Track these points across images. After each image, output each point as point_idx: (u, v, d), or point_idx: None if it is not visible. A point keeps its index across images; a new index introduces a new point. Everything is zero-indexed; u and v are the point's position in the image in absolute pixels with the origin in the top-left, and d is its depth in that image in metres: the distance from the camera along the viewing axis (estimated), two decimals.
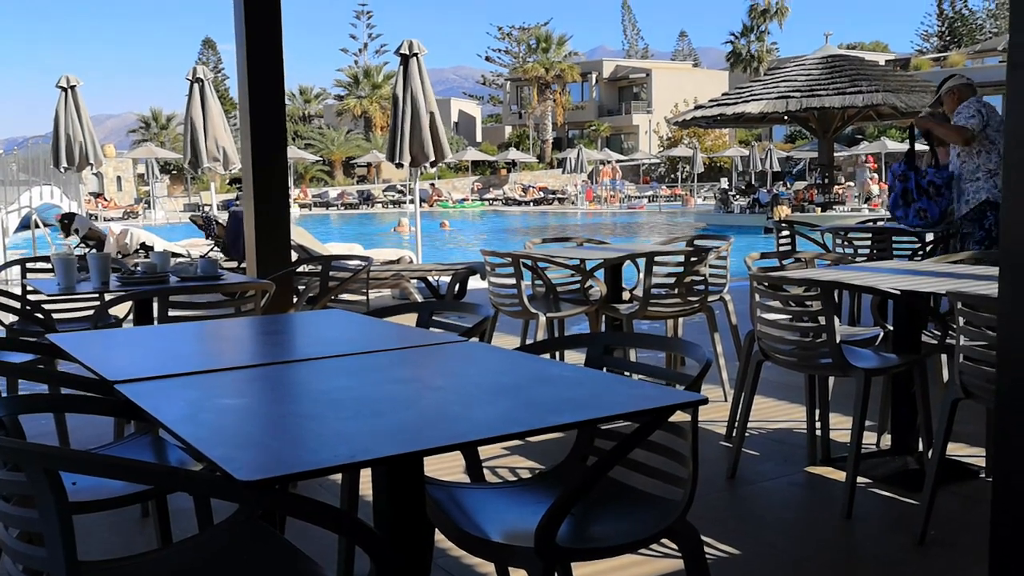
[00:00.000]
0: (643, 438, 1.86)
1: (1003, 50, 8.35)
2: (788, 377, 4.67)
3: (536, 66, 53.42)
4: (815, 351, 3.56)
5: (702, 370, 2.09)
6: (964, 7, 69.38)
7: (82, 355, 2.30)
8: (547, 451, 4.01)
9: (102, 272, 4.24)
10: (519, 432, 1.72)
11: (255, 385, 2.13)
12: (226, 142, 12.97)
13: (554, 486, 2.27)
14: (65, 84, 13.67)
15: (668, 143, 49.36)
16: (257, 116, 5.02)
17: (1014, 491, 2.38)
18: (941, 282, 3.57)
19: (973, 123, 5.57)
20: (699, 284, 5.16)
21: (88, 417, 3.83)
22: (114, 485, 2.20)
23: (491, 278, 5.48)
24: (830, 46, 21.82)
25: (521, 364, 2.25)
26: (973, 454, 3.91)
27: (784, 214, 20.96)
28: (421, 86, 10.79)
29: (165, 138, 53.54)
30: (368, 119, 54.12)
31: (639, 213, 36.31)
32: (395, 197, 42.30)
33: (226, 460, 1.44)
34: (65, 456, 1.67)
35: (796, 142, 43.86)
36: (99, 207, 34.49)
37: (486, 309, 2.97)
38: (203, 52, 70.95)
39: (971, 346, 2.97)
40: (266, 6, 4.96)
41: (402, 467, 1.73)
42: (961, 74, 6.09)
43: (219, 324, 3.36)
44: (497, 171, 49.65)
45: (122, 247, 11.61)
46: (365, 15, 63.81)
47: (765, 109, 19.31)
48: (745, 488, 3.70)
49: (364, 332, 2.81)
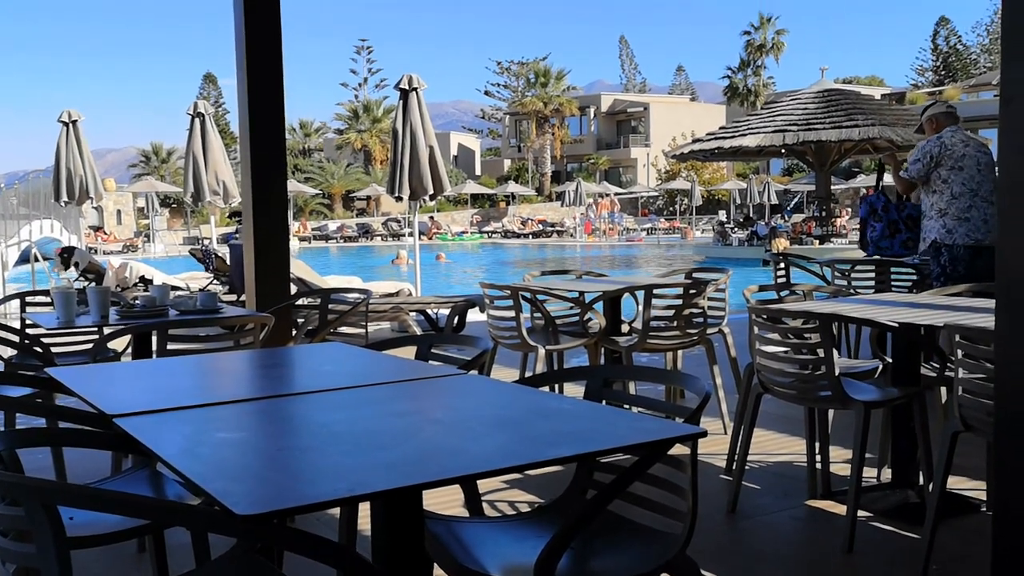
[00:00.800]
0: (642, 471, 1.86)
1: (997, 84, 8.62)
2: (788, 410, 4.66)
3: (535, 100, 53.79)
4: (814, 383, 3.56)
5: (701, 403, 2.09)
6: (958, 42, 70.14)
7: (81, 389, 2.30)
8: (546, 485, 3.99)
9: (101, 306, 4.25)
10: (518, 465, 1.72)
11: (254, 419, 2.13)
12: (226, 175, 13.03)
13: (553, 520, 2.26)
14: (67, 119, 13.75)
15: (666, 176, 49.62)
16: (257, 149, 5.06)
17: (1014, 525, 2.37)
18: (939, 314, 3.58)
19: (913, 171, 5.61)
20: (698, 316, 5.16)
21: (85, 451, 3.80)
22: (111, 519, 2.19)
23: (490, 311, 5.49)
24: (826, 80, 22.02)
25: (520, 397, 2.25)
26: (974, 488, 3.89)
27: (783, 247, 21.01)
28: (420, 120, 10.86)
29: (165, 172, 53.78)
30: (368, 152, 54.41)
31: (638, 246, 36.39)
32: (394, 230, 42.43)
33: (224, 494, 1.44)
34: (63, 490, 1.67)
35: (793, 175, 44.12)
36: (99, 240, 34.57)
37: (485, 342, 2.98)
38: (204, 87, 71.45)
39: (970, 379, 2.97)
40: (267, 41, 5.02)
41: (401, 501, 1.73)
42: (943, 101, 6.11)
43: (218, 358, 3.36)
44: (496, 204, 49.82)
45: (121, 280, 11.62)
46: (365, 50, 64.39)
47: (762, 142, 19.45)
48: (745, 522, 3.68)
49: (363, 365, 2.81)
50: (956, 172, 5.51)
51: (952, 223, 5.50)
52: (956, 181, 5.50)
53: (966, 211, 5.48)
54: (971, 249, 5.46)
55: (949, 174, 5.52)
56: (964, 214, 5.48)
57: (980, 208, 5.48)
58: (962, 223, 5.47)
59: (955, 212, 5.50)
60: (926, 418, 3.65)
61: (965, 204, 5.48)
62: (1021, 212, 2.30)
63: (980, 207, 5.48)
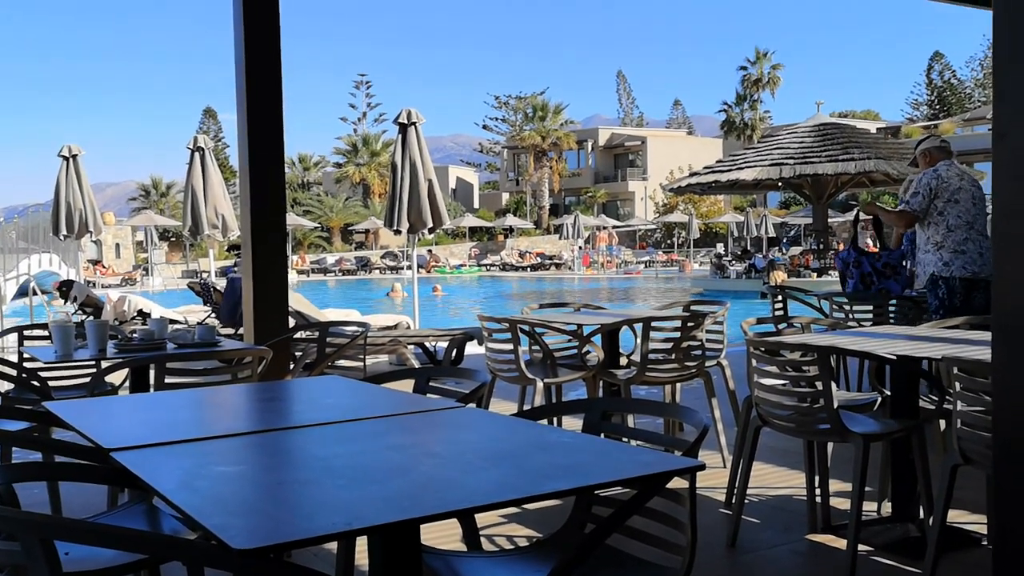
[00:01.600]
0: (640, 505, 1.86)
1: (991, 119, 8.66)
2: (787, 443, 4.65)
3: (533, 134, 54.13)
4: (813, 416, 3.55)
5: (699, 435, 2.09)
6: (952, 77, 70.77)
7: (78, 422, 2.30)
8: (545, 519, 3.97)
9: (99, 339, 4.25)
10: (516, 499, 1.71)
11: (251, 452, 2.13)
12: (225, 209, 13.08)
13: (552, 554, 2.25)
14: (67, 153, 13.82)
15: (664, 209, 49.81)
16: (257, 183, 5.09)
17: (1014, 559, 2.36)
18: (937, 347, 3.58)
19: (915, 203, 5.63)
20: (696, 349, 5.16)
21: (81, 487, 3.79)
22: (107, 554, 2.17)
23: (488, 343, 5.49)
24: (822, 114, 22.21)
25: (518, 430, 2.25)
26: (975, 521, 3.87)
27: (780, 279, 21.05)
28: (419, 153, 10.93)
29: (164, 206, 53.91)
30: (366, 186, 54.64)
31: (636, 278, 36.45)
32: (393, 263, 42.50)
33: (221, 528, 1.44)
34: (60, 525, 1.66)
35: (791, 208, 44.28)
36: (97, 274, 34.58)
37: (483, 375, 2.98)
38: (204, 121, 71.89)
39: (968, 411, 2.96)
40: (267, 75, 5.07)
41: (398, 535, 1.72)
42: (937, 135, 6.19)
43: (216, 391, 3.36)
44: (494, 237, 49.97)
45: (120, 314, 11.61)
46: (364, 84, 64.91)
47: (759, 176, 19.57)
48: (746, 556, 3.66)
49: (361, 398, 2.80)
50: (952, 205, 5.54)
51: (949, 256, 5.52)
52: (952, 214, 5.53)
53: (962, 243, 5.50)
54: (967, 282, 5.48)
55: (945, 206, 5.55)
56: (960, 247, 5.50)
57: (976, 241, 5.51)
58: (958, 256, 5.49)
59: (951, 245, 5.52)
60: (925, 451, 3.65)
61: (961, 237, 5.51)
62: (1015, 245, 2.32)
63: (976, 240, 5.51)
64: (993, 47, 2.34)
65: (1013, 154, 2.31)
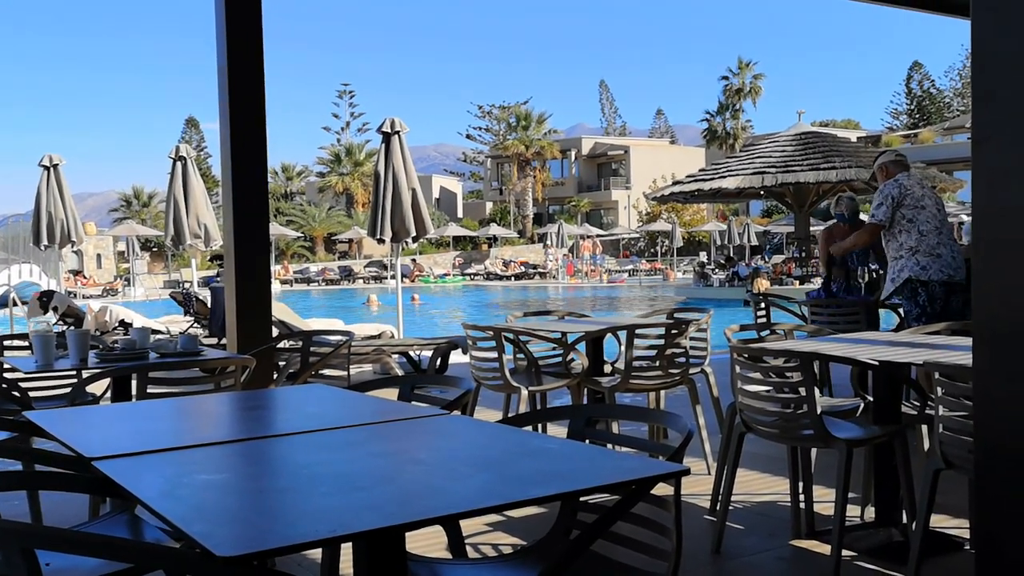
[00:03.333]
0: (625, 510, 1.86)
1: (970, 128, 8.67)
2: (771, 449, 4.66)
3: (516, 143, 54.22)
4: (796, 422, 3.57)
5: (684, 440, 2.09)
6: (932, 86, 71.46)
7: (59, 432, 2.28)
8: (530, 527, 3.96)
9: (80, 349, 4.21)
10: (501, 505, 1.71)
11: (234, 460, 2.11)
12: (208, 219, 13.03)
13: (537, 561, 2.25)
14: (48, 163, 13.74)
15: (647, 218, 49.96)
16: (240, 193, 5.07)
17: (996, 563, 2.37)
18: (918, 352, 3.61)
19: (879, 215, 5.73)
20: (680, 356, 5.17)
21: (63, 496, 3.76)
22: (89, 564, 2.15)
23: (473, 352, 5.48)
24: (803, 123, 22.36)
25: (503, 437, 2.25)
26: (957, 526, 3.90)
27: (764, 287, 21.14)
28: (403, 163, 10.93)
29: (146, 215, 53.64)
30: (350, 196, 54.56)
31: (619, 287, 36.51)
32: (376, 272, 42.41)
33: (205, 535, 1.43)
34: (42, 534, 1.65)
35: (773, 216, 44.50)
36: (78, 284, 34.32)
37: (467, 382, 2.97)
38: (186, 131, 71.70)
39: (950, 416, 2.98)
40: (250, 85, 5.06)
41: (383, 542, 1.71)
42: (892, 150, 6.35)
43: (199, 400, 3.34)
44: (478, 246, 49.96)
45: (101, 324, 11.52)
46: (348, 94, 64.95)
47: (741, 184, 19.69)
48: (730, 562, 3.66)
49: (345, 406, 2.79)
50: (920, 211, 5.63)
51: (925, 260, 5.59)
52: (922, 220, 5.62)
53: (936, 248, 5.59)
54: (945, 286, 5.56)
55: (913, 213, 5.63)
56: (935, 251, 5.58)
57: (947, 245, 5.63)
58: (935, 259, 5.57)
59: (926, 249, 5.60)
60: (908, 456, 3.67)
61: (934, 241, 5.60)
62: (995, 249, 2.34)
63: (947, 244, 5.63)
64: (971, 56, 2.37)
65: (992, 160, 2.33)
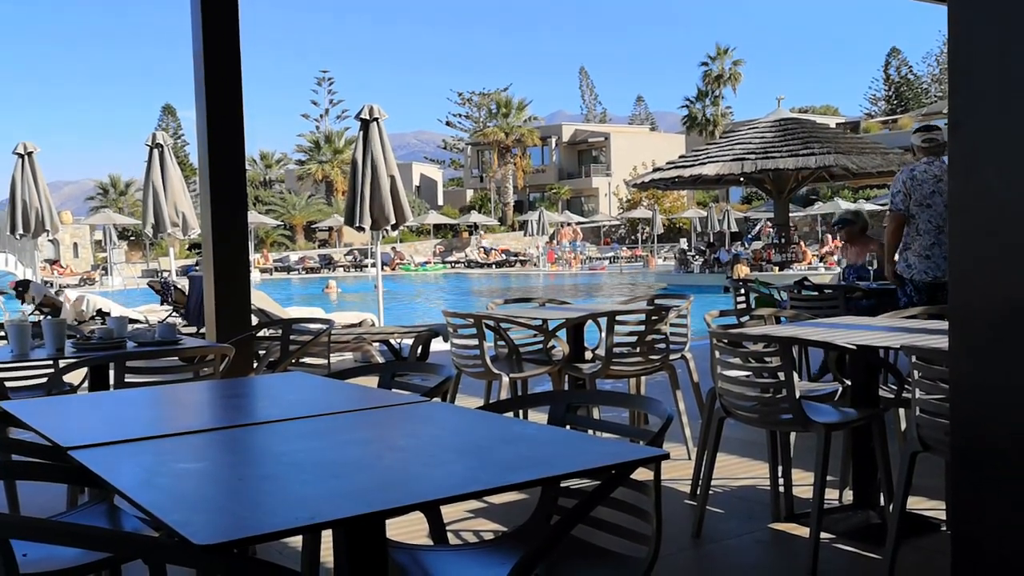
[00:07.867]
0: (605, 495, 1.86)
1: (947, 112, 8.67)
2: (750, 434, 4.69)
3: (496, 130, 54.09)
4: (775, 407, 3.59)
5: (663, 425, 2.10)
6: (909, 72, 71.90)
7: (34, 421, 2.26)
8: (511, 513, 3.97)
9: (57, 338, 4.17)
10: (481, 491, 1.71)
11: (213, 449, 2.10)
12: (186, 207, 12.92)
13: (518, 547, 2.25)
14: (22, 151, 13.58)
15: (628, 205, 50.02)
16: (217, 181, 5.03)
17: (972, 544, 2.40)
18: (896, 336, 3.64)
19: (896, 203, 5.70)
20: (660, 342, 5.19)
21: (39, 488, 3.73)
22: (66, 554, 2.14)
23: (454, 339, 5.48)
24: (782, 110, 22.42)
25: (483, 423, 2.24)
26: (934, 507, 3.94)
27: (743, 273, 21.24)
28: (382, 150, 10.87)
29: (124, 204, 53.14)
30: (329, 183, 54.27)
31: (600, 274, 36.57)
32: (356, 261, 42.25)
33: (183, 524, 1.42)
34: (17, 524, 1.63)
35: (752, 203, 44.71)
36: (55, 274, 33.98)
37: (448, 369, 2.97)
38: (163, 118, 70.95)
39: (927, 399, 3.01)
40: (227, 72, 5.01)
41: (363, 529, 1.71)
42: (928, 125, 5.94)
43: (177, 389, 3.32)
44: (459, 234, 49.87)
45: (78, 314, 11.43)
46: (327, 81, 64.44)
47: (721, 171, 19.73)
48: (710, 546, 3.69)
49: (325, 394, 2.78)
50: (924, 209, 5.59)
51: (913, 259, 5.62)
52: (923, 218, 5.60)
53: (928, 248, 5.58)
54: (929, 285, 5.60)
55: (917, 210, 5.61)
56: (926, 251, 5.58)
57: (943, 246, 5.53)
58: (922, 260, 5.59)
59: (917, 248, 5.61)
60: (885, 439, 3.70)
61: (928, 242, 5.58)
62: (970, 231, 2.36)
63: (944, 245, 5.52)
64: (949, 40, 2.38)
65: (968, 144, 2.35)
